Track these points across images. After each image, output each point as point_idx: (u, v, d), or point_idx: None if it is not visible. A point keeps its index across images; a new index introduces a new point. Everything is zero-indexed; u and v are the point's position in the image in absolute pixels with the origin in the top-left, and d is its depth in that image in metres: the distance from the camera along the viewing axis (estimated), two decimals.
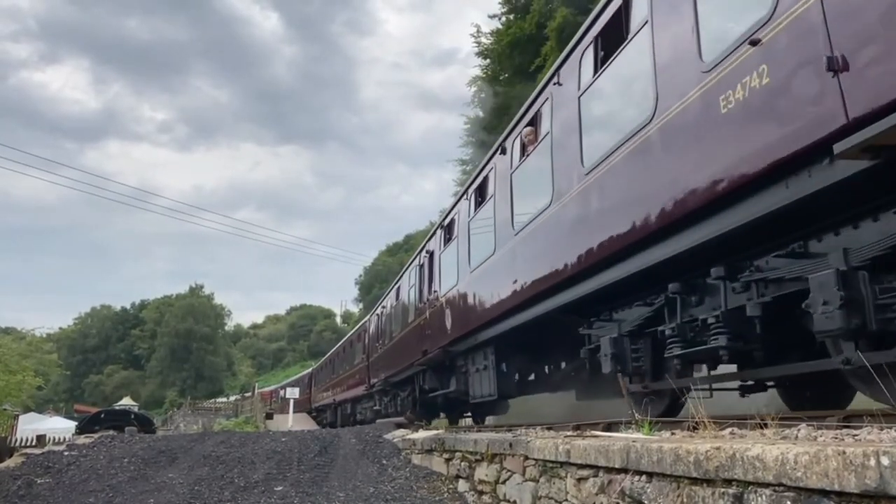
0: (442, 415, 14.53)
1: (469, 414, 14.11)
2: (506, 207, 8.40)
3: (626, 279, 5.58)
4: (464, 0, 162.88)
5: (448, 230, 11.83)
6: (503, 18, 31.89)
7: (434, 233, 13.19)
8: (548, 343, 9.15)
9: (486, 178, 9.61)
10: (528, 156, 7.80)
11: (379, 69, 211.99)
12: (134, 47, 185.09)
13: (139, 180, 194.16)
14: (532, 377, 10.29)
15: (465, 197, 10.68)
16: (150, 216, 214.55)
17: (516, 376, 9.82)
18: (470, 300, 9.95)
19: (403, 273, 16.41)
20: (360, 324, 25.50)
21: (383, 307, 18.79)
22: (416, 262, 14.49)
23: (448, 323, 11.04)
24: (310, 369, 42.67)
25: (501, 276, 8.40)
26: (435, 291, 12.15)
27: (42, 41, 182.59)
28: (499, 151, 8.91)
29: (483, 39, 32.93)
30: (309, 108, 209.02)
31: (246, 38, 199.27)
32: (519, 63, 28.86)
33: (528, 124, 7.87)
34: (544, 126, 7.28)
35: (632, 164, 5.23)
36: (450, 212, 11.92)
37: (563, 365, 9.37)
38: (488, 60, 33.30)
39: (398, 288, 16.70)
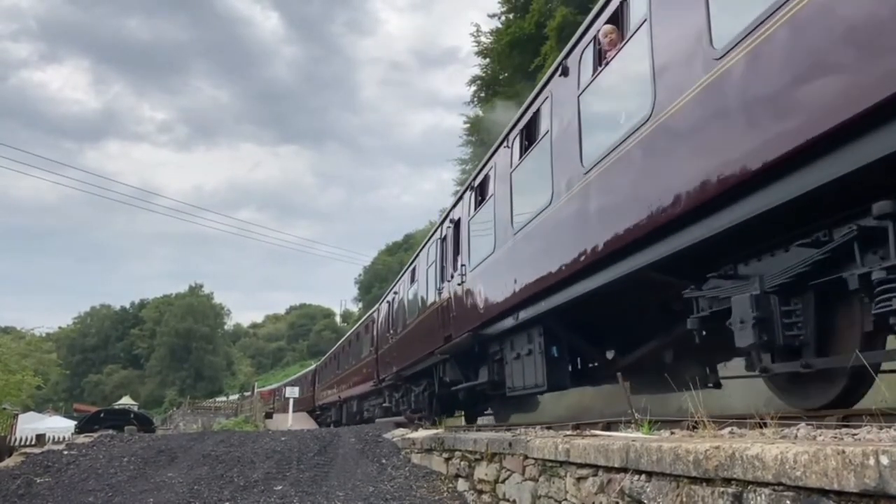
0: (456, 412, 13.08)
1: (490, 412, 12.34)
2: (569, 142, 6.57)
3: (771, 212, 3.90)
4: (464, 0, 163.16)
5: (480, 190, 9.86)
6: (503, 18, 32.08)
7: (461, 197, 11.00)
8: (612, 320, 7.55)
9: (537, 114, 7.65)
10: (607, 64, 5.92)
11: (379, 69, 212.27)
12: (134, 47, 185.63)
13: (139, 180, 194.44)
14: (591, 364, 8.45)
15: (504, 145, 8.69)
16: (150, 216, 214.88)
17: (569, 363, 7.96)
18: (512, 269, 8.08)
19: (420, 250, 14.35)
20: (367, 313, 24.08)
21: (395, 292, 16.77)
22: (437, 235, 12.48)
23: (480, 301, 9.34)
24: (313, 366, 42.32)
25: (562, 231, 6.72)
26: (462, 266, 10.32)
27: (42, 41, 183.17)
28: (558, 72, 6.97)
29: (483, 39, 33.20)
30: (309, 108, 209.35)
31: (246, 38, 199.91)
32: (519, 62, 28.92)
33: (607, 22, 6.03)
34: (636, 16, 5.47)
35: (815, 16, 3.45)
36: (482, 168, 9.88)
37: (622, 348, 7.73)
38: (488, 60, 33.37)
39: (413, 269, 14.68)
